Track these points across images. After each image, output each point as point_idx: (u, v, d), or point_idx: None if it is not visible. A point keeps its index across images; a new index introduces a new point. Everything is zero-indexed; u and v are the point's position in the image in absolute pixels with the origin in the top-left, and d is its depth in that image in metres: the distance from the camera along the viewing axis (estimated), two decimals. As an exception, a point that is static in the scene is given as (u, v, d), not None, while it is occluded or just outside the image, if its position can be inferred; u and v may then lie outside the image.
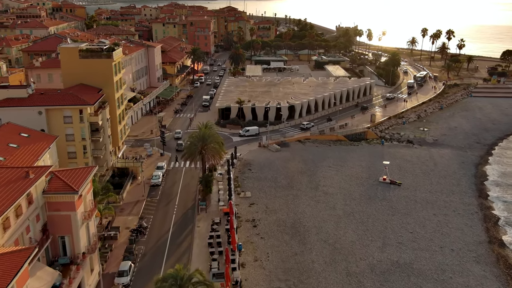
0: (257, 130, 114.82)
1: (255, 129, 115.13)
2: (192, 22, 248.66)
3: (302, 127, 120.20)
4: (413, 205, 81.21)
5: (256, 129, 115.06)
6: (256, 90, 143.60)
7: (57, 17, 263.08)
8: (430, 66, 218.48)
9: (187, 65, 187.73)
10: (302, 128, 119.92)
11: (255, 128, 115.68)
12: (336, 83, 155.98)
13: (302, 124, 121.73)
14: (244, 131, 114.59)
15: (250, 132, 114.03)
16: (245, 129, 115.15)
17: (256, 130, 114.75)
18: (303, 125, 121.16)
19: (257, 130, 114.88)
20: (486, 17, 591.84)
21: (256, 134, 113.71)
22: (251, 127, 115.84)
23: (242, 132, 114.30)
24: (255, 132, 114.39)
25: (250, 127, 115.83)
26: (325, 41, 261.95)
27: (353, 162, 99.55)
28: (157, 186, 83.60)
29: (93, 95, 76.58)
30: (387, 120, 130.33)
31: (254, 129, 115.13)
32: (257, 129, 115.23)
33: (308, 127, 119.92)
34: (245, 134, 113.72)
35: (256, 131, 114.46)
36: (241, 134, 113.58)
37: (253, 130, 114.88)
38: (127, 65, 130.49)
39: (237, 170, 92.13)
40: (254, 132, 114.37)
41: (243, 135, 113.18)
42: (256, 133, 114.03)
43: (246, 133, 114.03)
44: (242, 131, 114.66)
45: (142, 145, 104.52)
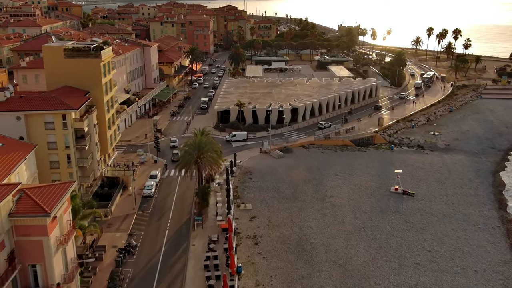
0: (245, 135, 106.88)
1: (242, 134, 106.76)
2: (191, 21, 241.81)
3: (319, 127, 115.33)
4: (429, 218, 74.30)
5: (244, 134, 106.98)
6: (257, 91, 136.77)
7: (52, 16, 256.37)
8: (436, 67, 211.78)
9: (185, 65, 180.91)
10: (319, 127, 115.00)
11: (242, 133, 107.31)
12: (341, 84, 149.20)
13: (319, 124, 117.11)
14: (230, 135, 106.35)
15: (237, 138, 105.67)
16: (232, 133, 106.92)
17: (244, 136, 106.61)
18: (320, 125, 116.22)
19: (244, 135, 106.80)
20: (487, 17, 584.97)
21: (243, 139, 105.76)
22: (238, 132, 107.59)
23: (228, 137, 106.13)
24: (243, 137, 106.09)
25: (237, 132, 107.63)
26: (327, 40, 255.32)
27: (362, 169, 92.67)
28: (149, 198, 76.70)
29: (78, 98, 69.71)
30: (395, 123, 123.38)
31: (242, 134, 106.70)
32: (245, 134, 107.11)
33: (326, 127, 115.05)
34: (231, 139, 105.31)
35: (244, 137, 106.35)
36: (227, 139, 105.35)
37: (240, 135, 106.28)
38: (121, 65, 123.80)
39: (237, 179, 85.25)
40: (242, 137, 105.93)
41: (229, 140, 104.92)
42: (244, 138, 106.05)
43: (233, 138, 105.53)
44: (229, 135, 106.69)
45: (135, 151, 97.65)
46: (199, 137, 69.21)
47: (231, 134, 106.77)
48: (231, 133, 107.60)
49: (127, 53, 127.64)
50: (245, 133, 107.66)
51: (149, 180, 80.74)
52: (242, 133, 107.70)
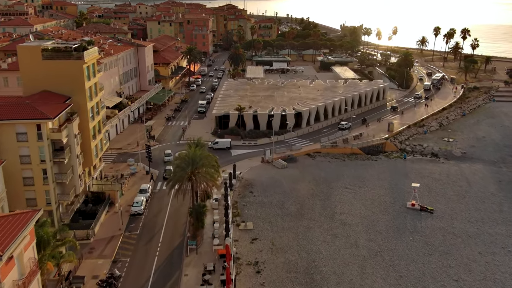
0: (228, 143, 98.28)
1: (225, 142, 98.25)
2: (189, 20, 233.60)
3: (340, 127, 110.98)
4: (452, 239, 66.14)
5: (227, 142, 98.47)
6: (257, 94, 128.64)
7: (46, 14, 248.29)
8: (444, 67, 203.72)
9: (183, 66, 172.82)
10: (340, 128, 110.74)
11: (226, 140, 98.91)
12: (346, 86, 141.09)
13: (340, 124, 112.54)
14: (213, 143, 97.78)
15: (220, 145, 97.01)
16: (215, 140, 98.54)
17: (227, 143, 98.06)
18: (341, 125, 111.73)
19: (228, 143, 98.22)
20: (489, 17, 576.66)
21: (227, 147, 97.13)
22: (221, 139, 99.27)
23: (211, 144, 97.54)
24: (226, 145, 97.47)
25: (220, 139, 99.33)
26: (330, 40, 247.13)
27: (373, 181, 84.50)
28: (138, 216, 68.51)
29: (57, 105, 61.59)
30: (407, 129, 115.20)
31: (225, 142, 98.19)
32: (228, 141, 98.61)
33: (346, 128, 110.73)
34: (213, 146, 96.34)
35: (227, 144, 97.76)
36: (209, 146, 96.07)
37: (223, 142, 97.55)
38: (113, 66, 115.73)
39: (236, 193, 77.12)
40: (225, 144, 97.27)
41: (211, 147, 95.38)
42: (227, 146, 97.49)
43: (215, 145, 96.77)
44: (211, 142, 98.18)
45: (126, 160, 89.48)
46: (193, 150, 60.85)
47: (213, 141, 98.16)
48: (214, 140, 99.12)
49: (119, 53, 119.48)
50: (229, 141, 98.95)
51: (138, 195, 72.52)
52: (226, 140, 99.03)
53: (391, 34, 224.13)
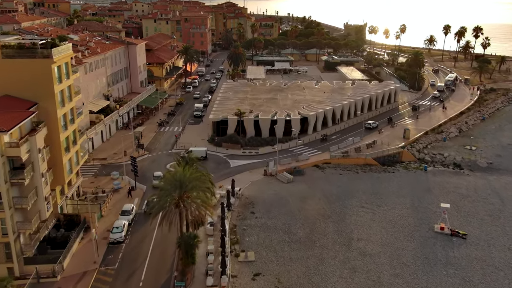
0: (204, 152, 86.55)
1: (200, 151, 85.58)
2: (187, 18, 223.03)
3: (367, 126, 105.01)
4: (494, 274, 55.23)
5: (203, 151, 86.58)
6: (259, 96, 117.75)
7: (37, 12, 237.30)
8: (455, 68, 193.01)
9: (179, 66, 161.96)
10: (367, 127, 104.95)
11: (201, 149, 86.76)
12: (355, 88, 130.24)
13: (367, 123, 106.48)
14: (185, 152, 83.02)
15: (195, 154, 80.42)
16: (189, 149, 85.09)
17: (203, 152, 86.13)
18: (368, 124, 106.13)
19: (203, 152, 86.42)
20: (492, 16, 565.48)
21: (202, 157, 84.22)
22: (196, 148, 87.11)
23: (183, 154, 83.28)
24: (201, 154, 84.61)
25: (195, 148, 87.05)
26: (335, 39, 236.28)
27: (393, 198, 73.56)
28: (118, 244, 57.62)
29: (16, 114, 50.74)
30: (424, 135, 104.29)
31: (200, 151, 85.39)
32: (203, 150, 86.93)
33: (373, 127, 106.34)
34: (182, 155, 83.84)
35: (202, 154, 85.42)
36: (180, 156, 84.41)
37: (198, 152, 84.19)
38: (100, 66, 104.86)
39: (235, 214, 66.20)
40: (200, 154, 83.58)
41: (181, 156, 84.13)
42: (203, 156, 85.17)
43: (184, 154, 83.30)
44: (184, 151, 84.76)
45: (110, 173, 78.58)
46: (181, 170, 49.70)
47: (187, 151, 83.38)
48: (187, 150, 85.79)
49: (107, 52, 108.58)
50: (204, 149, 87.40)
51: (119, 219, 61.53)
52: (200, 149, 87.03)
53: (399, 32, 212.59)
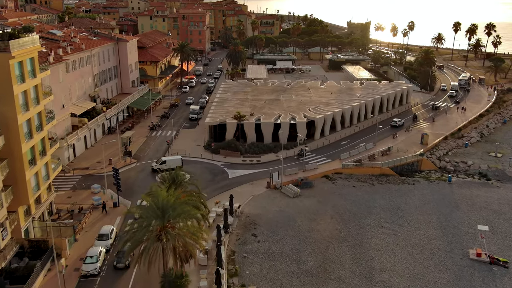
0: (179, 161, 75.18)
1: (175, 160, 74.84)
2: (184, 15, 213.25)
3: (393, 125, 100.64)
4: (549, 315, 45.33)
5: (178, 160, 75.19)
6: (260, 98, 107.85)
7: (28, 9, 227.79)
8: (466, 67, 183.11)
9: (175, 65, 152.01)
10: (393, 125, 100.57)
11: (175, 158, 75.76)
12: (364, 88, 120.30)
13: (393, 121, 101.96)
14: (159, 163, 74.48)
15: (169, 165, 73.30)
16: (161, 159, 75.43)
17: (178, 161, 74.86)
18: (394, 122, 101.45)
19: (179, 161, 75.07)
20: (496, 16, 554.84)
21: (179, 166, 70.99)
22: (170, 157, 76.46)
23: (155, 165, 74.68)
24: (177, 163, 73.37)
25: (168, 157, 76.56)
26: (339, 37, 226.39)
27: (416, 216, 63.59)
28: (92, 278, 47.61)
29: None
30: (443, 141, 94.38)
31: (174, 160, 74.77)
32: (179, 159, 75.49)
33: (400, 125, 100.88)
34: (159, 168, 72.73)
35: (178, 162, 74.25)
36: (153, 168, 74.39)
37: (173, 161, 74.35)
38: (85, 64, 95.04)
39: (234, 237, 56.21)
40: (175, 163, 73.20)
41: (157, 170, 72.21)
42: (179, 165, 72.85)
43: (162, 166, 73.33)
44: (156, 163, 75.36)
45: (91, 186, 68.56)
46: (164, 194, 39.24)
47: (159, 161, 74.80)
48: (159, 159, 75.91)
49: (93, 48, 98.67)
50: (179, 158, 76.20)
51: (95, 245, 51.52)
52: (175, 158, 75.97)
53: (406, 29, 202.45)
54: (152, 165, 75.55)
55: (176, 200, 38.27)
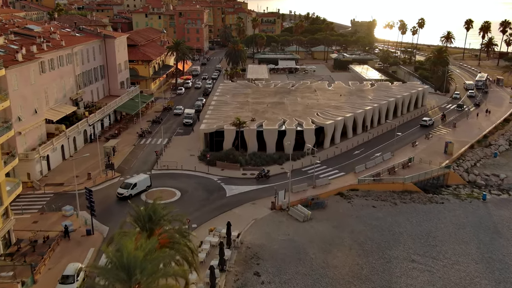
0: (148, 179, 63.49)
1: (143, 181, 62.61)
2: (181, 13, 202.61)
3: (423, 124, 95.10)
4: None
5: (146, 179, 63.23)
6: (262, 101, 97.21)
7: (17, 6, 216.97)
8: (479, 66, 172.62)
9: (170, 65, 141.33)
10: (423, 125, 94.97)
11: (143, 178, 62.82)
12: (376, 90, 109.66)
13: (422, 121, 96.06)
14: (122, 186, 61.24)
15: (140, 187, 61.47)
16: (129, 182, 61.30)
17: (147, 181, 63.15)
18: (424, 122, 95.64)
19: (147, 180, 63.31)
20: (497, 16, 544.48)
21: (147, 187, 62.86)
22: (135, 178, 62.75)
23: (123, 191, 60.09)
24: (146, 184, 62.81)
25: (136, 178, 62.57)
26: (343, 36, 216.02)
27: (452, 245, 52.83)
28: None
29: None
30: (469, 149, 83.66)
31: (142, 181, 62.39)
32: (147, 179, 63.37)
33: (430, 124, 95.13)
34: (124, 193, 59.83)
35: (147, 182, 63.01)
36: (119, 194, 60.30)
37: (143, 182, 62.38)
38: (66, 63, 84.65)
39: (232, 276, 45.36)
40: (144, 185, 62.35)
41: (121, 195, 59.84)
42: (148, 185, 63.11)
43: (128, 191, 59.84)
44: (123, 188, 60.65)
45: (62, 207, 57.74)
46: (129, 247, 27.88)
47: (127, 185, 60.92)
48: (124, 182, 62.53)
49: (75, 46, 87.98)
50: (147, 177, 63.88)
51: (56, 290, 40.78)
52: (142, 178, 63.10)
53: (416, 27, 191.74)
54: (118, 192, 60.37)
55: (149, 254, 27.48)
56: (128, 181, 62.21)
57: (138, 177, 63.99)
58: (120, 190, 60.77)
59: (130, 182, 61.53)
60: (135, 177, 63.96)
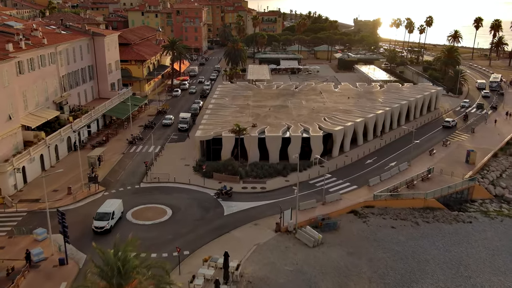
0: (121, 205, 53.45)
1: (118, 207, 52.30)
2: (179, 11, 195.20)
3: (446, 125, 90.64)
4: None
5: (120, 205, 53.18)
6: (264, 104, 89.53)
7: (9, 4, 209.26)
8: (490, 67, 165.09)
9: (166, 65, 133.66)
10: (446, 126, 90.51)
11: (117, 204, 52.27)
12: (386, 92, 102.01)
13: (445, 122, 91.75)
14: (99, 217, 49.87)
15: (117, 216, 51.50)
16: (100, 212, 50.30)
17: (121, 207, 53.27)
18: (447, 122, 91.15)
19: (121, 206, 53.35)
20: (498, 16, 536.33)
21: (119, 215, 52.49)
22: (107, 206, 51.42)
23: (100, 223, 49.32)
24: (121, 210, 52.99)
25: (106, 207, 51.31)
26: (347, 35, 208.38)
27: (487, 276, 45.12)
28: None
29: None
30: (493, 158, 75.94)
31: (118, 207, 52.20)
32: (120, 203, 53.25)
33: (453, 125, 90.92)
34: (105, 226, 49.13)
35: (121, 208, 53.30)
36: (97, 228, 49.19)
37: (117, 209, 51.76)
38: (48, 63, 77.09)
39: (231, 320, 37.73)
40: (119, 212, 52.41)
41: (101, 229, 49.08)
42: (122, 211, 53.33)
43: (109, 223, 49.43)
44: (98, 220, 49.64)
45: (33, 230, 49.98)
46: None
47: (97, 215, 50.06)
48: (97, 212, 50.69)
49: (59, 44, 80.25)
50: (121, 202, 53.56)
51: None
52: (116, 203, 52.61)
53: (424, 25, 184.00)
54: (96, 226, 49.34)
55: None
56: (103, 210, 50.77)
57: (110, 204, 52.48)
58: (97, 223, 49.39)
59: (107, 212, 50.39)
60: (106, 205, 52.23)
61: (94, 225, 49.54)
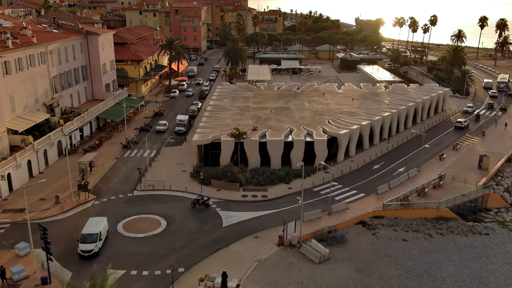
0: (106, 223, 48.10)
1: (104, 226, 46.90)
2: (177, 10, 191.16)
3: (458, 126, 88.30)
4: None
5: (105, 223, 47.70)
6: (265, 105, 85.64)
7: (4, 2, 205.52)
8: (496, 67, 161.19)
9: (164, 65, 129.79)
10: (458, 126, 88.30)
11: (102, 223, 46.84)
12: (391, 93, 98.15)
13: (457, 122, 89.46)
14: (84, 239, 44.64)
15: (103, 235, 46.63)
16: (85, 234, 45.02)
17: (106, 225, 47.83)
18: (459, 123, 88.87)
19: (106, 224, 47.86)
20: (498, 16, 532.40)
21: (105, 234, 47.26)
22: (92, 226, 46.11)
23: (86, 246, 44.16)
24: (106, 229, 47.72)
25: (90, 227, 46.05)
26: (349, 34, 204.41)
27: (511, 296, 41.34)
28: None
29: None
30: (506, 163, 72.04)
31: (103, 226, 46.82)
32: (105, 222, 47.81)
33: (465, 126, 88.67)
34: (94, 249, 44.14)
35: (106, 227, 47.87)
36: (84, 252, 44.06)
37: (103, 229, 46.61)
38: (38, 63, 73.16)
39: None
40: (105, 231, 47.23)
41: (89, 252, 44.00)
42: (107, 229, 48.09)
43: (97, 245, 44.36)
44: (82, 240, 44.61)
45: (14, 244, 46.13)
46: None
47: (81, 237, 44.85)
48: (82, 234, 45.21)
49: (50, 43, 76.35)
50: (105, 219, 48.28)
51: None
52: (100, 221, 47.18)
53: (428, 24, 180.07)
54: (82, 249, 44.15)
55: None
56: (88, 231, 45.29)
57: (94, 223, 46.97)
58: (84, 247, 44.09)
59: (93, 232, 45.12)
60: (91, 224, 46.70)
61: (81, 248, 44.19)
